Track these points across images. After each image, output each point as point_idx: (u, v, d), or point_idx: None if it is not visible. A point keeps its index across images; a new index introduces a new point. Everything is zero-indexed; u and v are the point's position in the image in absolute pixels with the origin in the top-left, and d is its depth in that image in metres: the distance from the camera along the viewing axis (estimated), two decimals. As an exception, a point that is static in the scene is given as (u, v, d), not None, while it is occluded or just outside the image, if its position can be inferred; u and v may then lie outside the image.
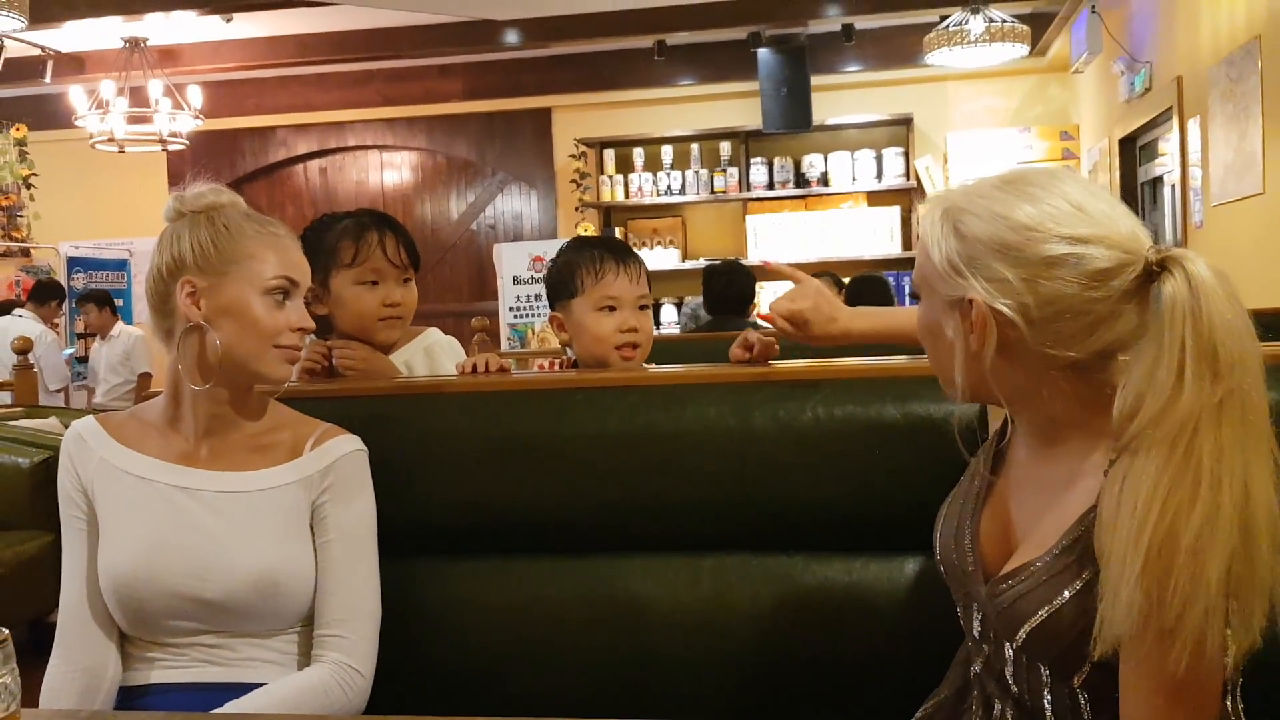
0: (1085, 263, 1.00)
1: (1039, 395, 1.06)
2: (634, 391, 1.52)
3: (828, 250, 6.78)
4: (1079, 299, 1.00)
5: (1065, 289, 1.00)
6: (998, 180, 1.07)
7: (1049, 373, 1.04)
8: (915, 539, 1.40)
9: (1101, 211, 1.02)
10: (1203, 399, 0.93)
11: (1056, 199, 1.02)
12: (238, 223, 1.38)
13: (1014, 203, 1.03)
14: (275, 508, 1.37)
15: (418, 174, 7.87)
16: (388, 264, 1.86)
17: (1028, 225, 1.01)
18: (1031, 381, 1.05)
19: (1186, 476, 0.92)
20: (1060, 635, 1.01)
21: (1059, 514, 1.05)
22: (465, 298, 7.65)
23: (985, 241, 1.03)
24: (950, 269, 1.05)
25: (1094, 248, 1.00)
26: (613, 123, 7.32)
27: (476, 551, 1.54)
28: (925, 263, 1.09)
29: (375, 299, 1.87)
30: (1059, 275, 1.00)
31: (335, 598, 1.36)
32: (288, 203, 7.91)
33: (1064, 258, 1.00)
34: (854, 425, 1.43)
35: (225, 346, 1.35)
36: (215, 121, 7.24)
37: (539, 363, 4.95)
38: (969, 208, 1.06)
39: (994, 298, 1.02)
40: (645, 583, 1.47)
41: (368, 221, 1.89)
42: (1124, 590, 0.91)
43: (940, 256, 1.06)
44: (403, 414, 1.56)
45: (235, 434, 1.41)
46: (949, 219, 1.07)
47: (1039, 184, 1.04)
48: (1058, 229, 1.01)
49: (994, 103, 6.99)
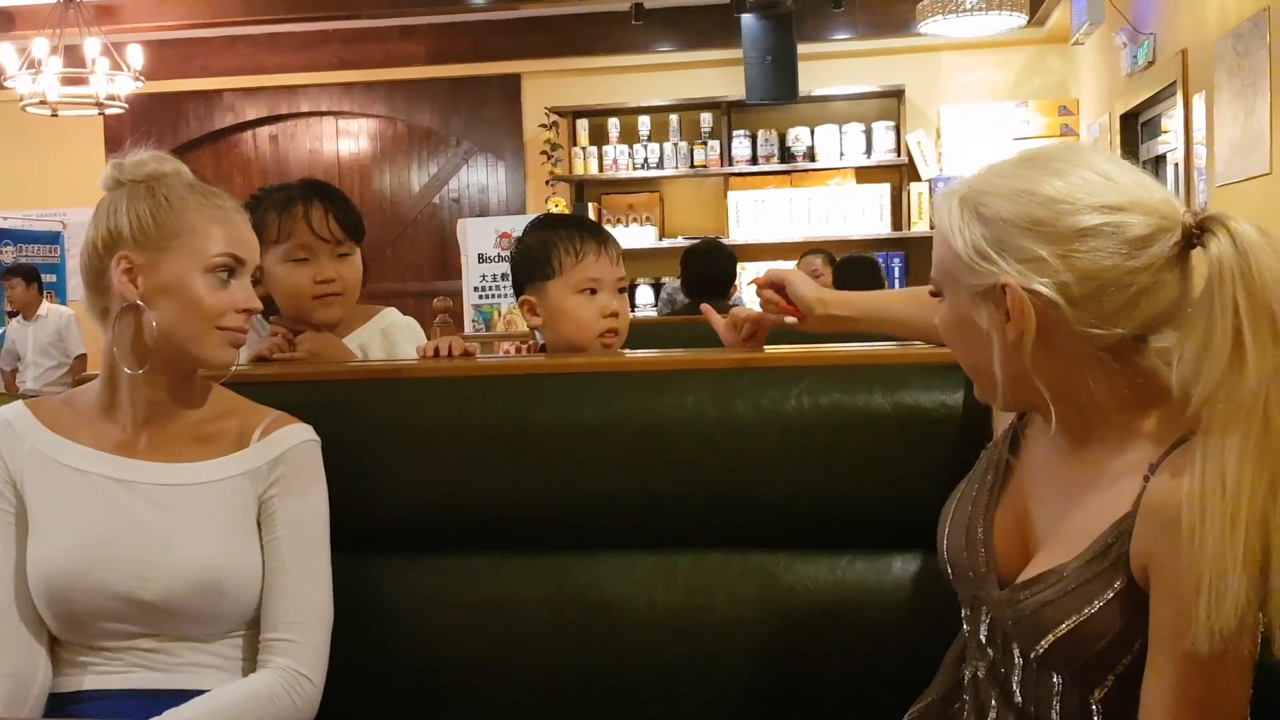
0: (1122, 231, 1.00)
1: (1082, 384, 1.06)
2: (608, 378, 1.52)
3: (814, 229, 6.79)
4: (1119, 270, 1.00)
5: (1104, 260, 1.00)
6: (1015, 160, 1.08)
7: (1092, 357, 1.04)
8: (905, 535, 1.41)
9: (1131, 180, 1.03)
10: (1267, 363, 0.94)
11: (1083, 170, 1.03)
12: (180, 194, 1.36)
13: (1039, 178, 1.03)
14: (219, 502, 1.36)
15: (376, 143, 7.80)
16: (315, 238, 1.85)
17: (1057, 198, 1.02)
18: (1074, 368, 1.05)
19: (1269, 447, 0.93)
20: (1086, 646, 1.02)
21: (1088, 517, 1.05)
22: (426, 276, 7.60)
23: (1013, 220, 1.03)
24: (977, 255, 1.05)
25: (1129, 215, 1.00)
26: (586, 91, 7.29)
27: (436, 548, 1.53)
28: (946, 255, 1.09)
29: (306, 276, 1.85)
30: (1096, 246, 1.00)
31: (284, 599, 1.35)
32: (235, 173, 7.82)
33: (1099, 228, 1.00)
34: (841, 415, 1.43)
35: (164, 328, 1.33)
36: (157, 84, 7.14)
37: (505, 347, 4.94)
38: (989, 190, 1.06)
39: (1030, 278, 1.02)
40: (618, 582, 1.47)
41: (296, 193, 1.88)
42: (1231, 582, 0.90)
43: (964, 244, 1.05)
44: (358, 401, 1.54)
45: (176, 422, 1.39)
46: (968, 205, 1.06)
47: (1062, 158, 1.05)
48: (1089, 199, 1.01)
49: (990, 75, 7.01)
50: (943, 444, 1.39)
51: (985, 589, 1.13)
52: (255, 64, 7.57)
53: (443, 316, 5.05)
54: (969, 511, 1.18)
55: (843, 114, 7.06)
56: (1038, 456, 1.16)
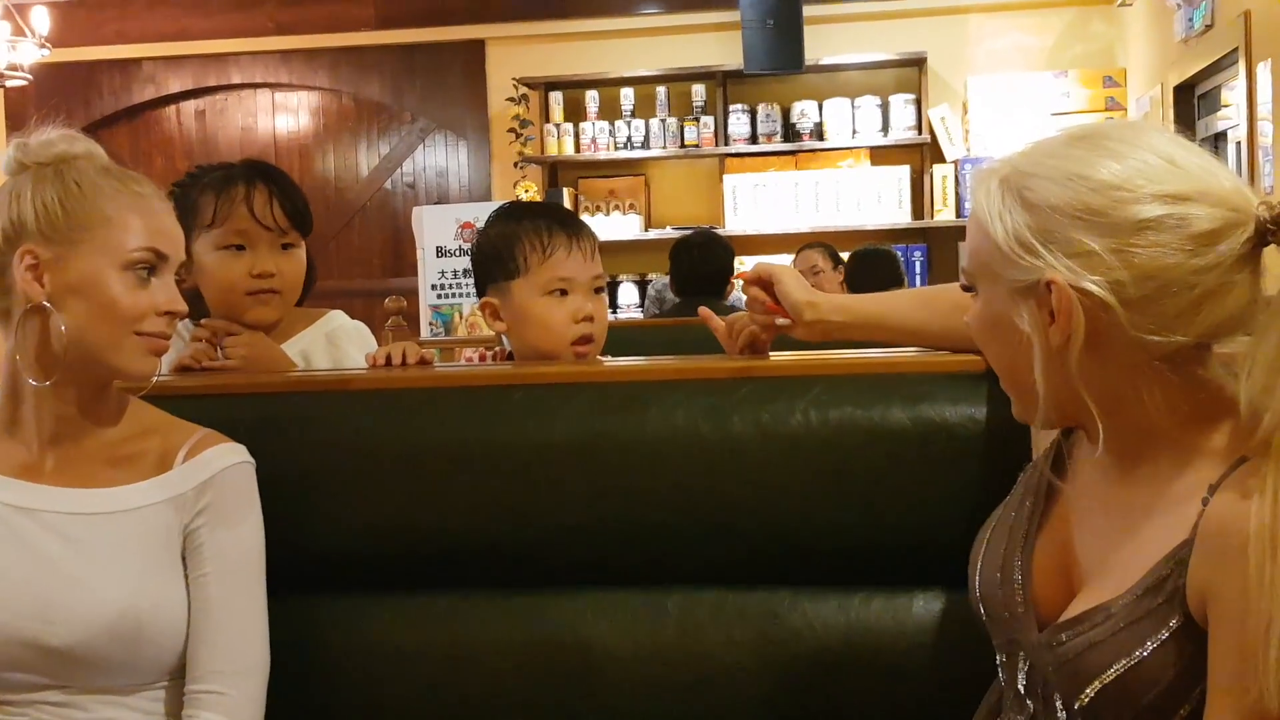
0: (1186, 224, 1.00)
1: (1136, 398, 1.06)
2: (585, 390, 1.52)
3: (823, 218, 6.81)
4: (1182, 269, 1.01)
5: (1165, 258, 1.00)
6: (1066, 138, 1.08)
7: (1146, 366, 1.05)
8: (928, 570, 1.42)
9: (1197, 165, 1.03)
10: None
11: (1143, 153, 1.03)
12: (93, 179, 1.37)
13: (1093, 160, 1.04)
14: (138, 533, 1.35)
15: (319, 120, 7.80)
16: (255, 225, 1.85)
17: (1113, 184, 1.02)
18: (1127, 380, 1.06)
19: None
20: (1137, 695, 1.02)
21: (1139, 547, 1.05)
22: (377, 273, 7.60)
23: (1062, 208, 1.03)
24: (1019, 247, 1.05)
25: (1195, 206, 1.01)
26: (561, 59, 7.30)
27: (389, 587, 1.53)
28: (983, 245, 1.09)
29: (241, 268, 1.86)
30: (1157, 241, 1.01)
31: (212, 645, 1.35)
32: (156, 153, 7.81)
33: (1161, 220, 1.01)
34: (854, 432, 1.43)
35: (74, 333, 1.34)
36: (65, 52, 7.13)
37: (467, 354, 4.93)
38: (1036, 171, 1.06)
39: (1079, 275, 1.02)
40: (598, 624, 1.47)
41: (237, 173, 1.89)
42: None
43: (1005, 233, 1.06)
44: (299, 416, 1.55)
45: (89, 442, 1.40)
46: (1010, 187, 1.07)
47: (1119, 137, 1.05)
48: (1150, 186, 1.02)
49: (1024, 41, 7.05)
50: (971, 465, 1.40)
51: (1023, 631, 1.14)
52: (179, 29, 7.55)
53: (395, 319, 5.04)
54: (1005, 543, 1.18)
55: (855, 86, 7.08)
56: (1083, 480, 1.16)
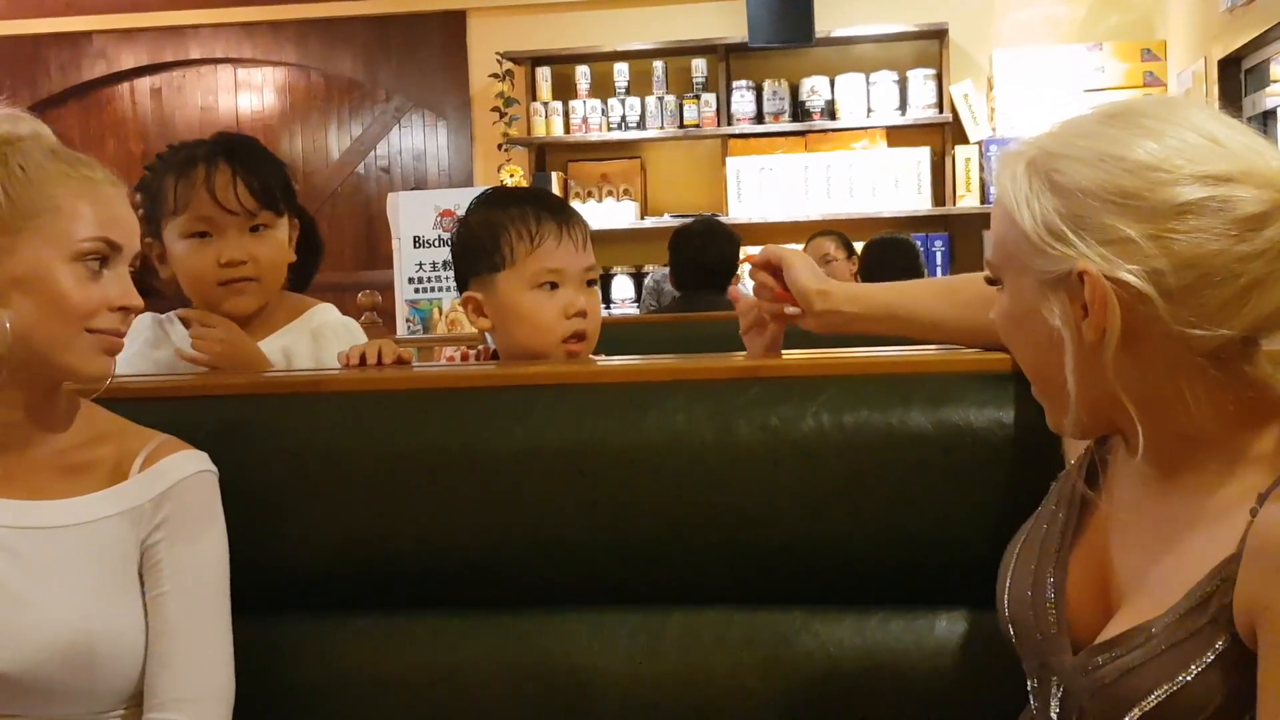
0: (1230, 207, 1.01)
1: (1177, 399, 1.06)
2: (577, 392, 1.52)
3: (836, 204, 6.81)
4: (1226, 256, 1.01)
5: (1208, 243, 1.01)
6: (1098, 116, 1.08)
7: (1189, 363, 1.05)
8: (951, 588, 1.42)
9: (1242, 143, 1.04)
10: None
11: (1182, 130, 1.04)
12: (39, 163, 1.36)
13: (1127, 139, 1.04)
14: (91, 549, 1.36)
15: (285, 98, 7.80)
16: (218, 209, 1.85)
17: (1150, 165, 1.02)
18: (1167, 379, 1.06)
19: None
20: None
21: (1182, 562, 1.05)
22: (348, 265, 7.59)
23: (1094, 192, 1.04)
24: (1048, 235, 1.05)
25: (1239, 188, 1.01)
26: (549, 32, 7.30)
27: (366, 606, 1.53)
28: (1009, 233, 1.09)
29: (208, 256, 1.87)
30: (1198, 227, 1.01)
31: (172, 670, 1.35)
32: (108, 135, 7.81)
33: (1202, 203, 1.01)
34: (871, 437, 1.43)
35: (19, 330, 1.34)
36: (8, 24, 7.12)
37: (448, 353, 4.92)
38: (1066, 152, 1.06)
39: (1115, 265, 1.02)
40: (591, 646, 1.47)
41: (200, 152, 1.88)
42: None
43: (1033, 220, 1.06)
44: (266, 420, 1.55)
45: (36, 449, 1.40)
46: (1038, 170, 1.07)
47: (1156, 114, 1.06)
48: (1190, 167, 1.02)
49: (1054, 10, 7.05)
50: (999, 473, 1.40)
51: (1056, 654, 1.14)
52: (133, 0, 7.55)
53: (369, 315, 5.03)
54: (1036, 559, 1.18)
55: (870, 60, 7.08)
56: (1120, 490, 1.17)
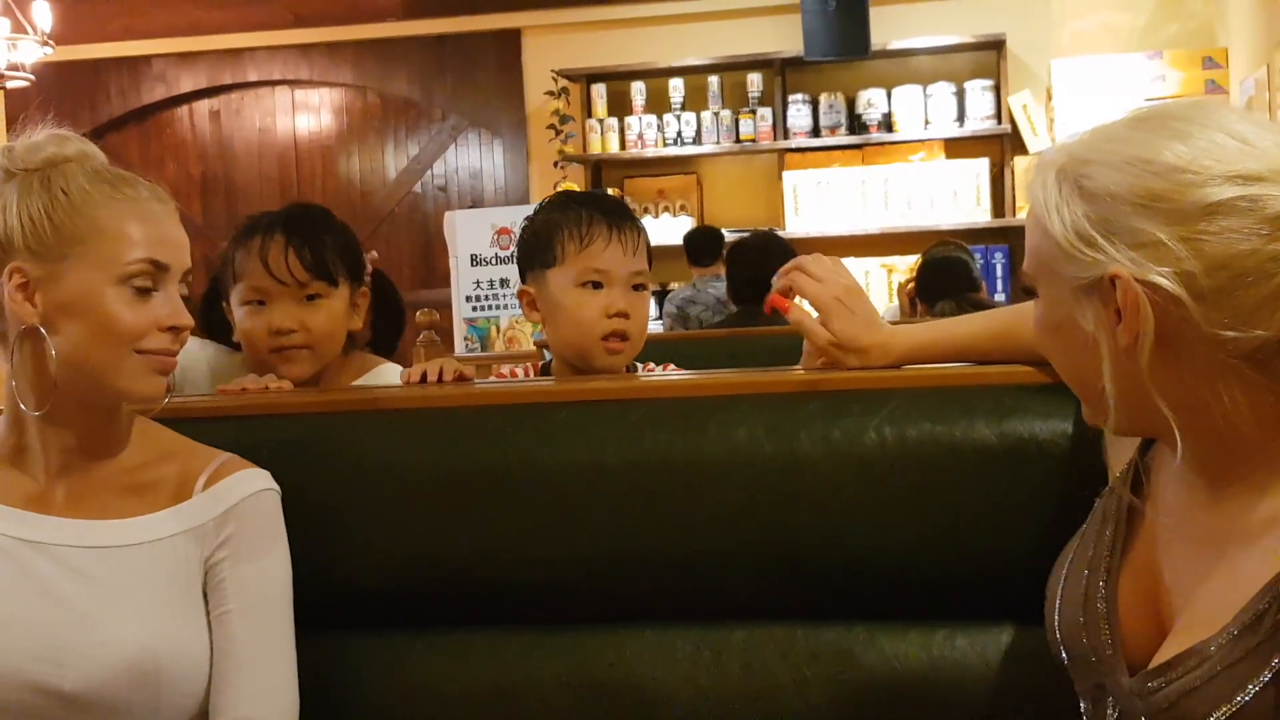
0: (1261, 206, 1.00)
1: (1216, 403, 1.06)
2: (638, 406, 1.52)
3: (893, 218, 6.78)
4: (1259, 256, 1.00)
5: (1239, 244, 1.00)
6: (1128, 120, 1.08)
7: (1226, 366, 1.04)
8: (1017, 603, 1.40)
9: (1272, 143, 1.03)
10: None
11: (1211, 132, 1.03)
12: (82, 186, 1.36)
13: (1156, 142, 1.04)
14: (156, 568, 1.37)
15: (342, 119, 7.87)
16: (270, 279, 1.90)
17: (1179, 166, 1.02)
18: (1204, 382, 1.05)
19: None
20: None
21: (1233, 579, 1.04)
22: (406, 283, 7.63)
23: (1124, 196, 1.04)
24: (1079, 240, 1.05)
25: (1270, 186, 1.01)
26: (603, 49, 7.33)
27: (426, 623, 1.53)
28: (1041, 241, 1.10)
29: (261, 323, 1.92)
30: (1229, 226, 1.01)
31: (237, 688, 1.36)
32: (167, 158, 7.91)
33: (1232, 203, 1.01)
34: (934, 450, 1.43)
35: (69, 355, 1.34)
36: (69, 49, 7.24)
37: (501, 369, 4.94)
38: (1094, 158, 1.06)
39: (1145, 268, 1.02)
40: (653, 663, 1.47)
41: (261, 222, 1.94)
42: None
43: (1063, 227, 1.06)
44: (328, 439, 1.56)
45: (101, 470, 1.41)
46: (1067, 177, 1.07)
47: (1185, 117, 1.05)
48: (1219, 167, 1.02)
49: (1114, 19, 7.00)
50: (1066, 485, 1.39)
51: (1112, 676, 1.13)
52: (191, 23, 7.65)
53: (427, 334, 5.06)
54: (1085, 578, 1.17)
55: (927, 72, 7.05)
56: (1167, 497, 1.16)
